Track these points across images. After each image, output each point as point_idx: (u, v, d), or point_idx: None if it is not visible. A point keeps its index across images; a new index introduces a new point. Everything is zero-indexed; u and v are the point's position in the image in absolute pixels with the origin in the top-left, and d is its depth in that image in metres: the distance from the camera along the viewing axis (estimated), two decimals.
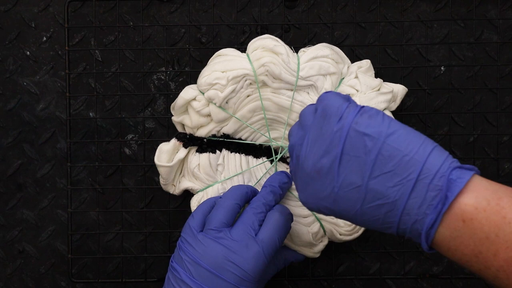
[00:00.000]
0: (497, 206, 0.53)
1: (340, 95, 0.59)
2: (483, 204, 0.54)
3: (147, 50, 0.81)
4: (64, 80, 0.81)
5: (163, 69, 0.81)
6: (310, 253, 0.77)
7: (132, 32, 0.81)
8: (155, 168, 0.78)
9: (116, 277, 0.81)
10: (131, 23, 0.81)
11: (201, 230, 0.70)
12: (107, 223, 0.81)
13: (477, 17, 0.80)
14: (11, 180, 0.82)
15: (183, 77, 0.81)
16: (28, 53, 0.82)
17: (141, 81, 0.81)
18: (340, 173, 0.56)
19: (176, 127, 0.79)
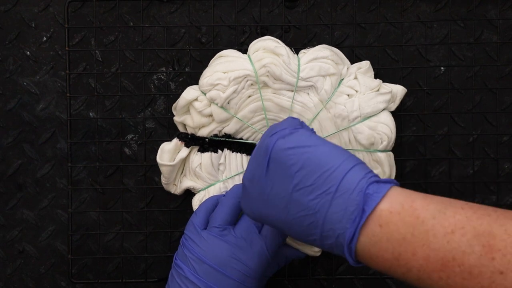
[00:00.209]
0: (410, 208, 0.56)
1: (293, 121, 0.63)
2: (397, 208, 0.56)
3: (147, 50, 0.81)
4: (64, 80, 0.81)
5: (163, 69, 0.81)
6: (311, 251, 0.77)
7: (132, 32, 0.81)
8: (156, 168, 0.78)
9: (116, 277, 0.81)
10: (131, 23, 0.81)
11: (205, 228, 0.71)
12: (107, 223, 0.81)
13: (477, 17, 0.80)
14: (11, 180, 0.81)
15: (183, 77, 0.81)
16: (28, 53, 0.82)
17: (141, 81, 0.81)
18: (267, 183, 0.60)
19: (178, 127, 0.79)
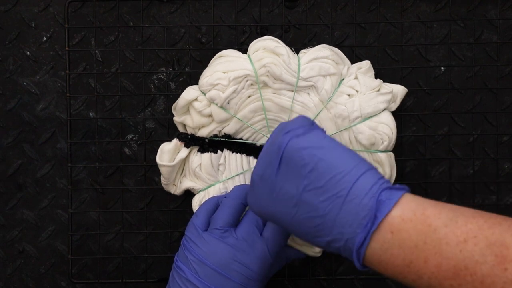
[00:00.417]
0: (422, 216, 0.56)
1: (304, 121, 0.62)
2: (409, 215, 0.56)
3: (147, 50, 0.81)
4: (64, 80, 0.81)
5: (163, 69, 0.81)
6: (311, 252, 0.77)
7: (132, 32, 0.81)
8: (155, 168, 0.78)
9: (116, 278, 0.81)
10: (131, 23, 0.81)
11: (206, 229, 0.70)
12: (107, 223, 0.81)
13: (477, 17, 0.80)
14: (11, 180, 0.81)
15: (183, 77, 0.81)
16: (28, 53, 0.81)
17: (141, 81, 0.81)
18: (277, 182, 0.60)
19: (177, 127, 0.78)
